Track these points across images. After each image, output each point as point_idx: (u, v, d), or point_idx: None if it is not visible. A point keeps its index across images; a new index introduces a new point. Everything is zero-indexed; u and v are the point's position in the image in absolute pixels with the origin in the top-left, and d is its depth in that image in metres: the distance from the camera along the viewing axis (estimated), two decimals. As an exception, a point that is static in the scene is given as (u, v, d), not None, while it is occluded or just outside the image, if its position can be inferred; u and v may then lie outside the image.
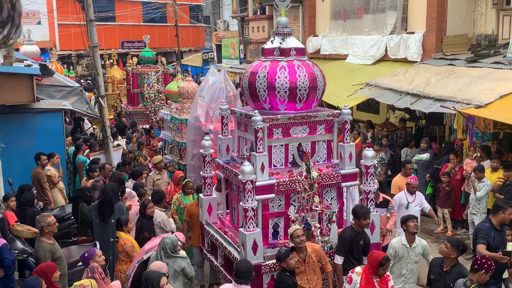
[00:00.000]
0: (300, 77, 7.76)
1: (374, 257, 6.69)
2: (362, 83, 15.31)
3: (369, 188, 7.99)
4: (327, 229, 7.86)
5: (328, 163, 8.19)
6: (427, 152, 13.21)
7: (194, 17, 46.42)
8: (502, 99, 10.93)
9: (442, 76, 13.27)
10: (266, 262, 7.37)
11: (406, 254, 7.70)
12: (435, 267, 7.01)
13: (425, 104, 12.42)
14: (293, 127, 7.86)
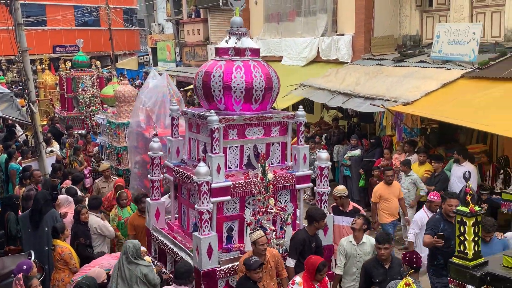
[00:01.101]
0: (256, 77, 7.33)
1: (312, 263, 6.38)
2: (296, 83, 15.24)
3: (323, 190, 7.65)
4: (282, 232, 7.40)
5: (282, 165, 7.76)
6: (358, 149, 13.27)
7: (128, 20, 45.16)
8: (427, 96, 11.06)
9: (371, 76, 13.38)
10: (221, 267, 6.88)
11: (355, 252, 7.33)
12: (375, 269, 6.65)
13: (356, 103, 12.50)
14: (249, 128, 7.39)
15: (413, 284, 4.00)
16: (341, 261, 7.32)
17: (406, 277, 4.00)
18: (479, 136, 12.08)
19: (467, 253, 3.91)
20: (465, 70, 11.41)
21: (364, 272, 6.76)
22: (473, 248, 3.90)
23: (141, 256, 6.76)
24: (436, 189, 10.11)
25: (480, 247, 4.02)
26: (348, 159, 13.11)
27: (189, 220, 7.79)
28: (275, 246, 7.07)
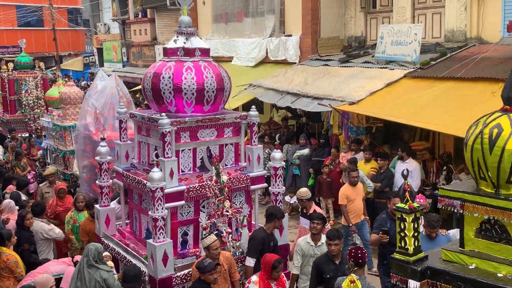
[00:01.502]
0: (208, 78, 7.16)
1: (267, 261, 6.36)
2: (245, 84, 15.27)
3: (278, 190, 7.61)
4: (238, 234, 7.32)
5: (236, 166, 7.67)
6: (307, 148, 13.37)
7: (73, 20, 43.87)
8: (372, 96, 11.27)
9: (318, 76, 13.55)
10: (177, 274, 6.70)
11: (312, 252, 7.34)
12: (326, 265, 6.71)
13: (304, 103, 12.62)
14: (201, 130, 7.24)
15: (357, 280, 4.17)
16: (298, 261, 7.33)
17: (351, 274, 4.19)
18: (422, 133, 12.41)
19: (407, 249, 4.03)
20: (408, 70, 11.70)
21: (315, 268, 6.80)
22: (413, 243, 4.02)
23: (103, 260, 6.59)
24: (381, 186, 10.51)
25: (421, 242, 4.22)
26: (297, 158, 13.20)
27: (141, 226, 7.57)
28: (231, 249, 7.01)
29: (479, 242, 3.96)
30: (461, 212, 3.98)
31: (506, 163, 3.73)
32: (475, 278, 3.76)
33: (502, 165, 3.75)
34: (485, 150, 3.82)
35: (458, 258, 4.00)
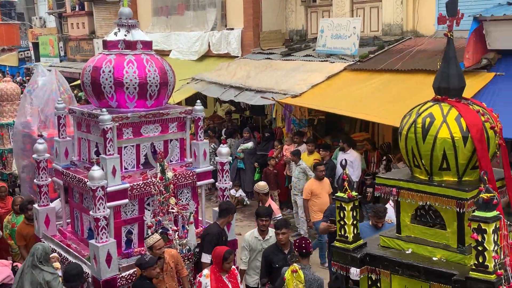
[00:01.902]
0: (150, 72, 7.00)
1: (217, 253, 6.35)
2: (188, 78, 15.19)
3: (225, 185, 7.58)
4: (185, 231, 7.24)
5: (182, 162, 7.57)
6: (251, 141, 13.43)
7: (7, 14, 42.17)
8: (314, 89, 11.44)
9: (261, 69, 13.63)
10: (122, 274, 6.57)
11: (260, 247, 7.35)
12: (275, 255, 6.78)
13: (248, 96, 12.68)
14: (145, 125, 7.09)
15: (299, 270, 4.29)
16: (246, 256, 7.32)
17: (293, 264, 4.31)
18: (362, 125, 12.74)
19: (347, 237, 4.17)
20: (348, 63, 11.95)
21: (264, 259, 6.87)
22: (353, 231, 4.17)
23: (49, 262, 6.35)
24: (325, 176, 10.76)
25: (368, 233, 4.40)
26: (241, 151, 13.24)
27: (83, 226, 7.38)
28: (177, 246, 6.93)
29: (415, 228, 4.16)
30: (397, 199, 4.17)
31: (438, 151, 3.93)
32: (412, 263, 3.95)
33: (434, 153, 3.95)
34: (419, 139, 4.00)
35: (395, 244, 4.18)
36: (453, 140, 3.90)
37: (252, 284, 7.31)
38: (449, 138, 3.90)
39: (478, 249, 3.51)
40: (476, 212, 3.52)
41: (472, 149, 3.90)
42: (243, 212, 11.89)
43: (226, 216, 7.18)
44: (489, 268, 3.47)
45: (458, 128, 3.91)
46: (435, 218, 4.08)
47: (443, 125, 3.94)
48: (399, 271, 4.01)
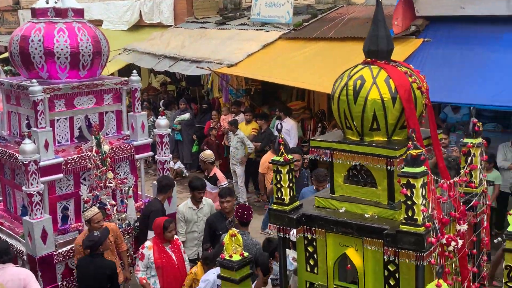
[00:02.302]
0: (83, 41, 6.86)
1: (158, 224, 6.35)
2: (120, 48, 14.84)
3: (164, 158, 7.57)
4: (124, 205, 7.20)
5: (119, 135, 7.49)
6: (187, 112, 13.38)
7: None
8: (250, 58, 11.47)
9: (195, 39, 13.54)
10: (59, 251, 6.52)
11: (195, 216, 7.42)
12: (219, 222, 6.86)
13: (183, 66, 12.60)
14: (78, 97, 6.96)
15: (238, 234, 4.39)
16: (182, 228, 7.34)
17: (232, 228, 4.38)
18: (298, 93, 13.00)
19: (284, 199, 4.22)
20: (282, 31, 12.04)
21: (208, 226, 6.93)
22: (289, 193, 4.22)
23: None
24: (261, 146, 10.88)
25: (311, 196, 4.49)
26: (178, 123, 13.17)
27: (16, 203, 7.23)
28: (117, 221, 6.90)
29: (348, 187, 4.28)
30: (331, 161, 4.29)
31: (369, 112, 4.04)
32: (345, 220, 4.08)
33: (365, 114, 4.06)
34: (350, 101, 4.10)
35: (329, 204, 4.30)
36: (382, 101, 4.02)
37: (191, 256, 7.34)
38: (379, 99, 4.02)
39: (407, 203, 3.65)
40: (405, 168, 3.65)
41: (400, 109, 4.04)
42: (182, 184, 11.86)
43: (166, 192, 7.18)
44: (418, 221, 3.63)
45: (387, 89, 4.03)
46: (367, 177, 4.21)
47: (373, 86, 4.05)
48: (334, 229, 4.13)
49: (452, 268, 4.00)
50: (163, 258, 6.29)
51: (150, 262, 6.26)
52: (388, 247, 3.78)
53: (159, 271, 6.28)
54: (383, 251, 3.88)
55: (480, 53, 8.84)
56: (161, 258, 6.28)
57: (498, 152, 8.74)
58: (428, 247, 3.65)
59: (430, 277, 3.77)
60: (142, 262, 6.28)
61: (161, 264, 6.25)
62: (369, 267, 4.06)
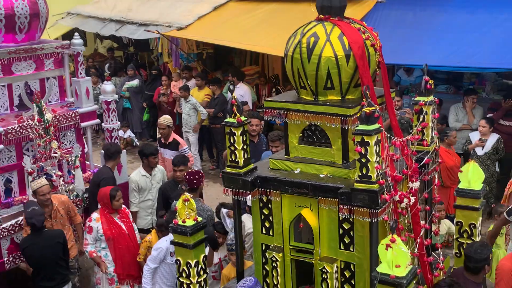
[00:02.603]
0: (18, 1, 6.54)
1: (103, 193, 6.26)
2: (62, 12, 14.30)
3: (112, 126, 7.45)
4: (71, 176, 7.05)
5: (62, 102, 7.28)
6: (136, 79, 13.11)
7: None
8: (200, 20, 11.28)
9: (143, 1, 13.18)
10: (3, 225, 6.30)
11: (149, 184, 7.36)
12: (172, 191, 6.84)
13: (130, 30, 12.31)
14: (16, 63, 6.68)
15: (191, 199, 4.36)
16: (136, 198, 7.27)
17: (184, 193, 4.34)
18: (252, 57, 12.92)
19: (238, 162, 4.23)
20: (234, -8, 11.87)
21: (161, 194, 6.92)
22: (243, 156, 4.24)
23: None
24: (215, 112, 10.76)
25: (250, 155, 4.50)
26: (127, 90, 12.90)
27: None
28: (64, 193, 6.75)
29: (302, 148, 4.31)
30: (285, 122, 4.29)
31: (323, 70, 4.05)
32: (301, 181, 4.12)
33: (319, 72, 4.06)
34: (304, 59, 4.08)
35: (284, 165, 4.33)
36: (336, 59, 4.03)
37: (146, 226, 7.29)
38: (333, 56, 4.02)
39: (361, 161, 3.72)
40: (359, 126, 3.70)
41: (354, 67, 4.06)
42: (133, 154, 11.69)
43: (115, 158, 7.08)
44: (372, 178, 3.70)
45: (341, 47, 4.03)
46: (321, 137, 4.24)
47: (327, 44, 4.04)
48: (289, 190, 4.17)
49: (405, 224, 4.12)
50: (112, 229, 6.20)
51: (99, 234, 6.17)
52: (343, 206, 3.86)
53: (110, 242, 6.21)
54: (338, 210, 3.96)
55: (433, 14, 8.96)
56: (111, 229, 6.19)
57: (450, 113, 8.98)
58: (381, 204, 3.74)
59: (383, 234, 3.86)
60: (90, 235, 6.18)
61: (111, 236, 6.17)
62: (324, 226, 4.14)
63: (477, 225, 4.78)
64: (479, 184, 4.78)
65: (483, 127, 7.95)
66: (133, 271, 6.30)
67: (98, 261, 6.18)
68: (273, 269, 4.34)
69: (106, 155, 7.10)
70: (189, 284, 4.41)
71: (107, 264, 6.21)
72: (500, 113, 8.62)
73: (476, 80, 10.21)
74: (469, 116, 8.79)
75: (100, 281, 6.29)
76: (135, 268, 6.31)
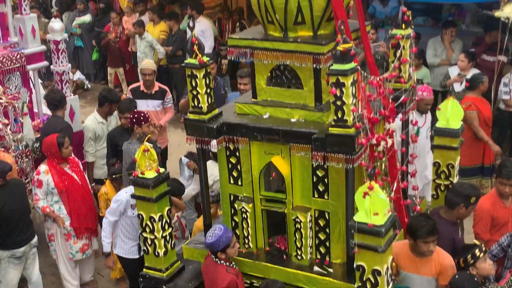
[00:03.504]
0: None
1: (50, 142, 5.94)
2: None
3: (62, 69, 7.16)
4: (18, 124, 6.75)
5: (5, 42, 6.97)
6: (88, 13, 12.53)
7: None
8: None
9: None
10: None
11: (106, 131, 7.15)
12: (120, 137, 6.65)
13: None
14: None
15: (151, 149, 4.23)
16: (93, 147, 7.06)
17: (144, 143, 4.21)
18: (214, -11, 12.57)
19: (201, 107, 4.09)
20: None
21: (110, 141, 6.75)
22: (207, 101, 4.09)
23: None
24: (173, 50, 10.40)
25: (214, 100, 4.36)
26: (78, 27, 12.36)
27: None
28: (12, 142, 6.50)
29: (271, 90, 4.20)
30: (251, 61, 4.15)
31: (293, 2, 3.86)
32: (270, 127, 4.02)
33: (289, 5, 3.88)
34: (271, -10, 3.90)
35: (252, 110, 4.22)
36: (307, -10, 3.86)
37: (102, 176, 7.14)
38: (303, -13, 3.86)
39: (337, 104, 3.63)
40: (334, 66, 3.59)
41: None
42: (84, 98, 11.39)
43: (63, 106, 6.83)
44: (348, 122, 3.63)
45: (308, -24, 3.86)
46: (291, 78, 4.14)
47: (296, -27, 3.87)
48: (258, 137, 4.08)
49: (382, 168, 4.10)
50: (64, 181, 6.00)
51: (50, 188, 5.97)
52: (317, 152, 3.80)
53: (63, 195, 6.02)
54: (312, 157, 3.91)
55: None
56: (63, 181, 5.99)
57: (428, 48, 8.87)
58: (358, 149, 3.69)
59: (359, 181, 3.85)
60: (40, 189, 5.97)
61: (64, 188, 5.99)
62: (297, 174, 4.10)
63: (455, 165, 4.82)
64: (458, 122, 4.79)
65: (462, 61, 7.90)
66: (90, 224, 6.18)
67: (53, 216, 6.00)
68: (243, 220, 4.32)
69: (51, 104, 6.81)
70: (153, 239, 4.38)
71: (62, 218, 6.07)
72: (483, 47, 8.59)
73: (456, 11, 10.10)
74: (447, 50, 8.72)
75: (54, 237, 6.14)
76: (92, 220, 6.22)
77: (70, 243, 6.07)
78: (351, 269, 3.85)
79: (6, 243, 5.61)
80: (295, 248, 4.20)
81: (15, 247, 5.64)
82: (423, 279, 4.21)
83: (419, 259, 4.19)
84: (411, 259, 4.21)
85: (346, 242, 4.03)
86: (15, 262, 5.71)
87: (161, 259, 4.42)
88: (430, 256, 4.16)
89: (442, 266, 4.16)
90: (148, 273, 4.49)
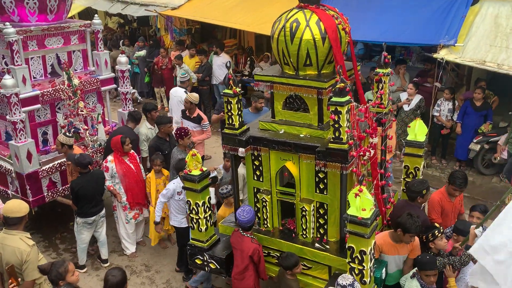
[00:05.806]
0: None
1: (116, 140, 5.70)
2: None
3: (126, 90, 6.87)
4: (94, 130, 6.54)
5: (85, 70, 6.65)
6: (144, 49, 12.18)
7: None
8: (190, 1, 10.68)
9: (143, -15, 12.24)
10: (43, 168, 5.89)
11: (154, 134, 6.75)
12: (162, 146, 6.29)
13: (133, 9, 11.63)
14: (48, 38, 6.03)
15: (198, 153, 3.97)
16: (145, 146, 6.67)
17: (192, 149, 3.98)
18: (231, 32, 12.27)
19: (234, 124, 3.95)
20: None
21: (154, 149, 6.25)
22: (238, 120, 3.95)
23: None
24: (202, 76, 10.05)
25: (250, 117, 4.13)
26: (136, 58, 12.05)
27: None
28: (90, 142, 6.32)
29: (285, 113, 3.97)
30: (271, 91, 3.91)
31: (303, 50, 3.66)
32: (285, 140, 3.81)
33: (300, 52, 3.67)
34: (287, 41, 3.68)
35: (271, 127, 4.00)
36: (314, 41, 3.63)
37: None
38: (311, 39, 3.62)
39: (335, 126, 3.43)
40: (333, 98, 3.37)
41: (328, 47, 3.67)
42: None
43: (138, 122, 6.54)
44: (343, 140, 3.43)
45: (318, 31, 3.63)
46: (301, 104, 3.91)
47: (307, 28, 3.63)
48: (275, 147, 3.87)
49: (366, 171, 3.88)
50: (124, 168, 5.81)
51: (113, 172, 5.79)
52: (320, 161, 3.59)
53: (122, 178, 5.83)
54: (315, 163, 3.68)
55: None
56: (122, 169, 5.80)
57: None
58: (350, 159, 3.48)
59: (350, 181, 3.65)
60: (107, 173, 5.80)
61: (122, 173, 5.81)
62: (304, 175, 3.88)
63: (420, 168, 4.58)
64: (423, 136, 4.55)
65: (410, 89, 7.68)
66: (140, 200, 5.96)
67: (115, 193, 5.83)
68: (263, 207, 4.11)
69: (132, 117, 6.54)
70: (198, 219, 4.15)
71: (121, 195, 5.89)
72: (424, 79, 8.37)
73: (405, 52, 9.85)
74: (401, 81, 8.47)
75: (116, 208, 5.98)
76: (142, 197, 5.98)
77: (126, 213, 5.89)
78: (343, 247, 3.65)
79: (81, 213, 5.49)
80: (302, 229, 3.98)
81: (87, 216, 5.49)
82: (401, 257, 3.97)
83: (399, 244, 3.90)
84: (392, 246, 3.91)
85: (340, 226, 3.81)
86: (87, 226, 5.56)
87: (203, 233, 4.20)
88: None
89: (413, 246, 3.91)
90: (194, 243, 4.27)
